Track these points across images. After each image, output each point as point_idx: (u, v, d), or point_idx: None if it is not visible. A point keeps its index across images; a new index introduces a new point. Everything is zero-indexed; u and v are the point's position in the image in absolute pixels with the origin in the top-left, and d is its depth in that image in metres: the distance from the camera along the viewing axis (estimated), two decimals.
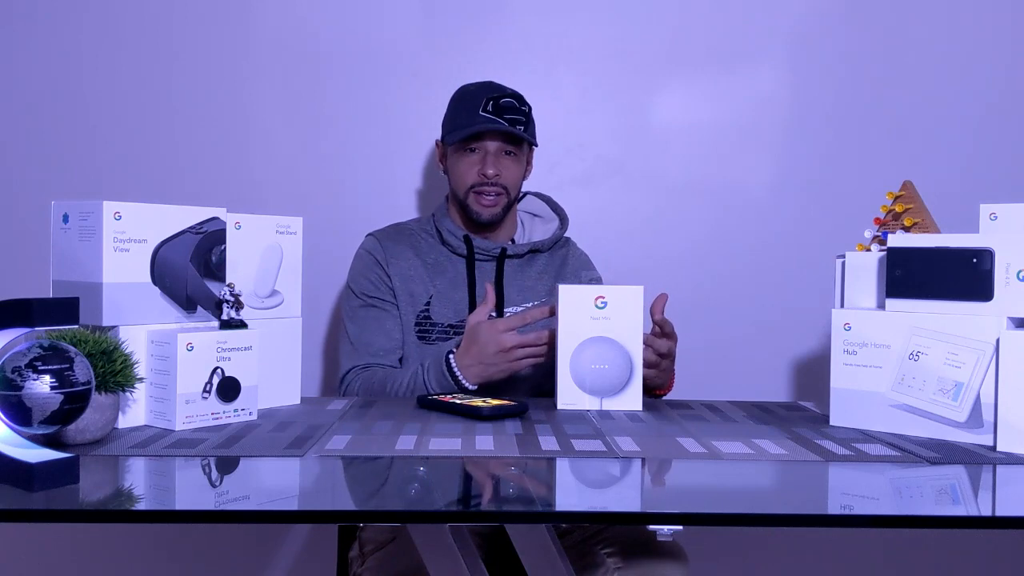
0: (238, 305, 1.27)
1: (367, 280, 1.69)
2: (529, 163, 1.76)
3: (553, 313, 1.42)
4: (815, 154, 2.09)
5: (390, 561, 1.38)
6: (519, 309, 1.67)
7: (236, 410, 1.23)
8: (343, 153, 2.07)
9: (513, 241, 1.77)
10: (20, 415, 0.90)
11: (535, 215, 1.82)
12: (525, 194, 1.83)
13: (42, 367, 0.90)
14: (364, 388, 1.59)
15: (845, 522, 1.04)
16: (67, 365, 0.92)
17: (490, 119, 1.63)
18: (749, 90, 2.09)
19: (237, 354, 1.23)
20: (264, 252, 1.37)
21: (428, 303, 1.67)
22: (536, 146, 1.74)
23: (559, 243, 1.79)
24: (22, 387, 0.89)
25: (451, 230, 1.71)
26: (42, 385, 0.90)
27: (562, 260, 1.76)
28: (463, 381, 1.48)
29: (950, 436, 1.16)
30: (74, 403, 0.92)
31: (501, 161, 1.66)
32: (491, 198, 1.66)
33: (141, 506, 0.93)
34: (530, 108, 1.71)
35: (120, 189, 2.03)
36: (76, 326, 0.97)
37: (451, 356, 1.50)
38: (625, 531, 1.39)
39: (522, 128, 1.66)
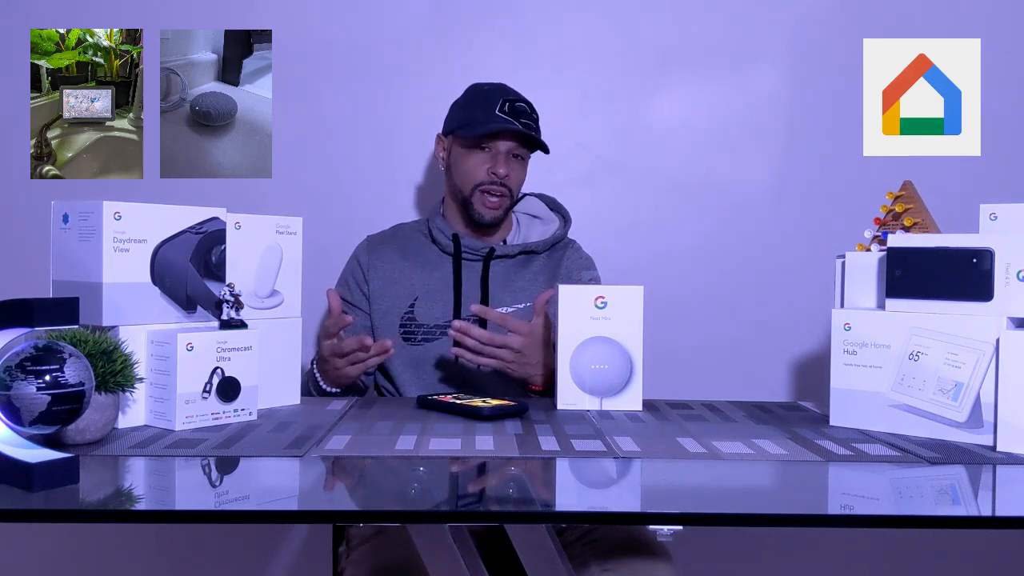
0: (238, 305, 1.27)
1: (344, 283, 1.75)
2: None
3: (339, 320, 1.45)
4: (815, 154, 2.09)
5: (373, 555, 1.38)
6: (509, 310, 1.67)
7: (236, 410, 1.23)
8: (343, 153, 2.07)
9: (504, 242, 1.77)
10: (12, 415, 0.90)
11: (534, 216, 1.82)
12: (524, 195, 1.83)
13: (31, 367, 0.90)
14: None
15: (845, 522, 1.04)
16: (57, 366, 0.92)
17: (507, 120, 1.64)
18: (749, 90, 2.09)
19: (237, 354, 1.23)
20: (264, 252, 1.37)
21: (412, 305, 1.68)
22: (548, 152, 1.73)
23: (559, 244, 1.78)
24: (11, 387, 0.89)
25: (441, 228, 1.72)
26: (29, 386, 0.90)
27: (558, 261, 1.75)
28: (321, 383, 1.55)
29: (950, 436, 1.16)
30: (64, 404, 0.92)
31: (511, 163, 1.67)
32: (496, 199, 1.67)
33: (141, 506, 0.93)
34: (538, 115, 1.71)
35: (120, 189, 2.04)
36: (76, 326, 0.97)
37: (312, 361, 1.58)
38: (611, 533, 1.39)
39: (535, 134, 1.67)
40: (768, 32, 2.09)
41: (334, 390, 1.55)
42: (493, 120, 1.64)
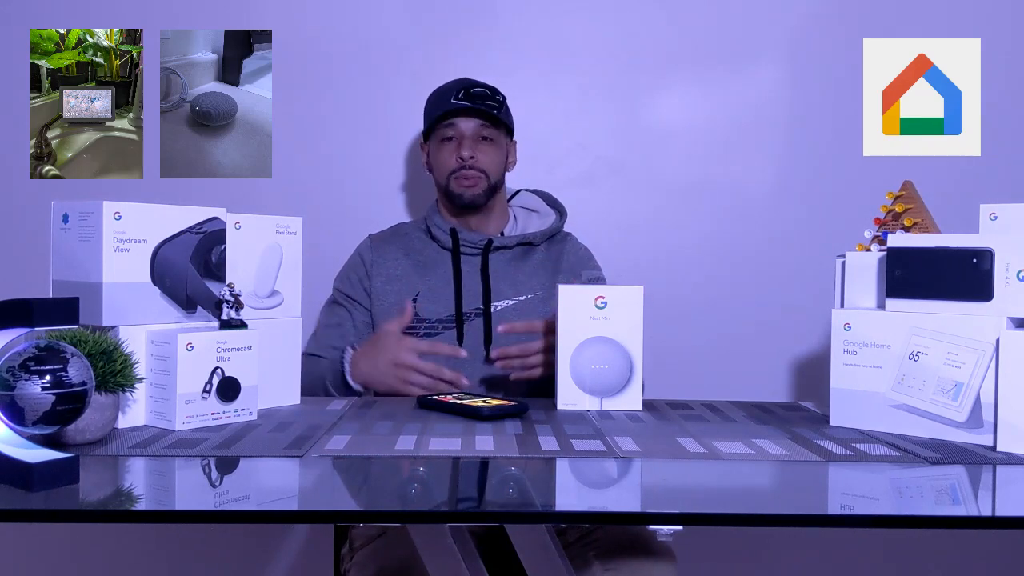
0: (238, 305, 1.27)
1: (346, 278, 1.76)
2: (512, 155, 1.79)
3: (462, 355, 1.51)
4: (815, 154, 2.09)
5: (376, 556, 1.39)
6: (511, 303, 1.68)
7: (236, 410, 1.23)
8: (343, 153, 2.07)
9: (502, 234, 1.78)
10: (15, 415, 0.90)
11: (531, 210, 1.83)
12: (519, 191, 1.84)
13: (35, 367, 0.90)
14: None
15: (845, 522, 1.04)
16: (60, 366, 0.92)
17: (461, 103, 1.68)
18: (749, 90, 2.09)
19: (237, 354, 1.23)
20: (264, 252, 1.37)
21: (414, 300, 1.69)
22: (512, 130, 1.76)
23: (557, 237, 1.79)
24: (14, 387, 0.89)
25: (438, 224, 1.74)
26: (33, 386, 0.90)
27: (559, 254, 1.76)
28: (347, 375, 1.53)
29: (950, 436, 1.16)
30: (68, 404, 0.92)
31: (477, 145, 1.70)
32: (469, 180, 1.70)
33: (141, 506, 0.93)
34: (504, 99, 1.74)
35: (120, 189, 2.04)
36: (76, 326, 0.97)
37: (348, 348, 1.55)
38: (614, 533, 1.39)
39: (496, 112, 1.69)
40: (768, 32, 2.09)
41: (358, 387, 1.54)
42: (448, 107, 1.68)
